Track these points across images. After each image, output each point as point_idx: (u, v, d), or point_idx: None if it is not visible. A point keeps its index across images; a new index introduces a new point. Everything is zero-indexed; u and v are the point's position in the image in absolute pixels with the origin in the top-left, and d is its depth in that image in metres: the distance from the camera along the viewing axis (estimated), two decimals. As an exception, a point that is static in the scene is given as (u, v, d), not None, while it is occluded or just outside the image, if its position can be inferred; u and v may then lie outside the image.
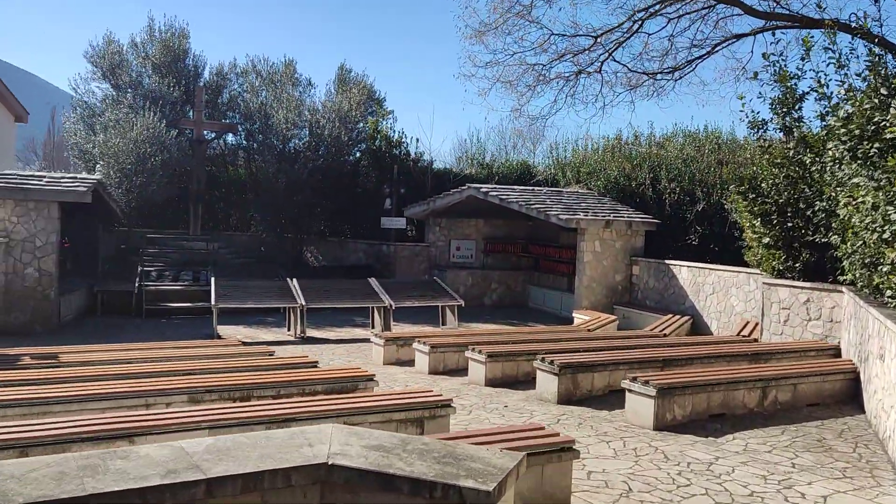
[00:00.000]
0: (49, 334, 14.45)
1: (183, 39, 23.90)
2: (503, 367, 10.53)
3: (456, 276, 21.32)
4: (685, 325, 15.83)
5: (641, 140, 21.25)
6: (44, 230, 14.54)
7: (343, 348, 14.16)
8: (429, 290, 17.06)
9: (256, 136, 23.98)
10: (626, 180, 20.47)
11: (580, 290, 18.40)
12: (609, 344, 11.85)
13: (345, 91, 24.41)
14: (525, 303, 21.95)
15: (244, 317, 17.38)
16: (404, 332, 15.38)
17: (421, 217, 21.80)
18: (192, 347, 10.26)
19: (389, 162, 22.48)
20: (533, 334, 13.32)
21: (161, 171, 19.86)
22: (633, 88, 14.43)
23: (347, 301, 15.96)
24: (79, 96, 22.92)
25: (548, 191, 20.44)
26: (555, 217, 18.07)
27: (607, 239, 18.51)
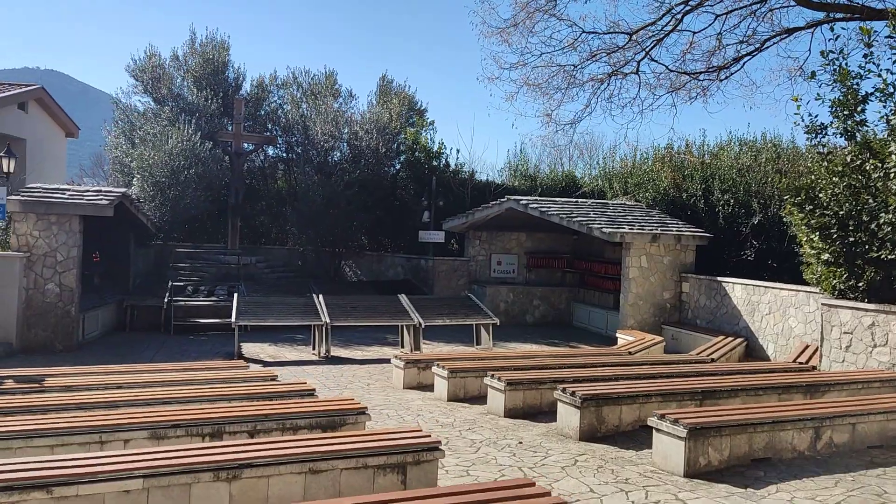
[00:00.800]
0: (69, 352, 14.13)
1: (223, 52, 23.77)
2: (524, 396, 9.60)
3: (496, 292, 20.42)
4: (738, 349, 14.56)
5: (693, 149, 20.00)
6: (65, 244, 14.25)
7: (366, 370, 13.41)
8: (462, 307, 16.21)
9: (295, 149, 23.64)
10: (676, 192, 19.26)
11: (625, 309, 17.27)
12: (647, 371, 10.78)
13: (385, 102, 23.88)
14: (569, 321, 20.88)
15: (275, 333, 16.85)
16: (432, 353, 14.57)
17: (460, 230, 20.99)
18: (191, 370, 9.65)
19: (428, 173, 21.76)
20: (566, 357, 12.32)
21: (195, 183, 19.57)
22: (674, 90, 13.33)
23: (375, 319, 15.23)
24: (120, 110, 22.95)
25: (592, 203, 19.38)
26: (598, 230, 17.03)
27: (654, 254, 17.36)
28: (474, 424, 9.01)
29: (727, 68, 12.41)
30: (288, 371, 13.02)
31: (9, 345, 13.64)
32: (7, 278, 13.68)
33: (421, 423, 9.13)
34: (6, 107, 25.26)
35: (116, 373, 9.39)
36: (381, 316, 15.25)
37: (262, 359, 14.30)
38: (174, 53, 23.70)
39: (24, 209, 13.97)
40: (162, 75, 22.59)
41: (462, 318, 15.86)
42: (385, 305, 15.59)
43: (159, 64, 22.91)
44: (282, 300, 15.46)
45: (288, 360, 14.17)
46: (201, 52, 23.51)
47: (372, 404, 10.30)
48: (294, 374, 12.82)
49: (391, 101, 23.63)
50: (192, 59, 23.50)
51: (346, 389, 11.57)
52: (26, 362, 13.05)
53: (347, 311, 15.15)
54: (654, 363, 12.04)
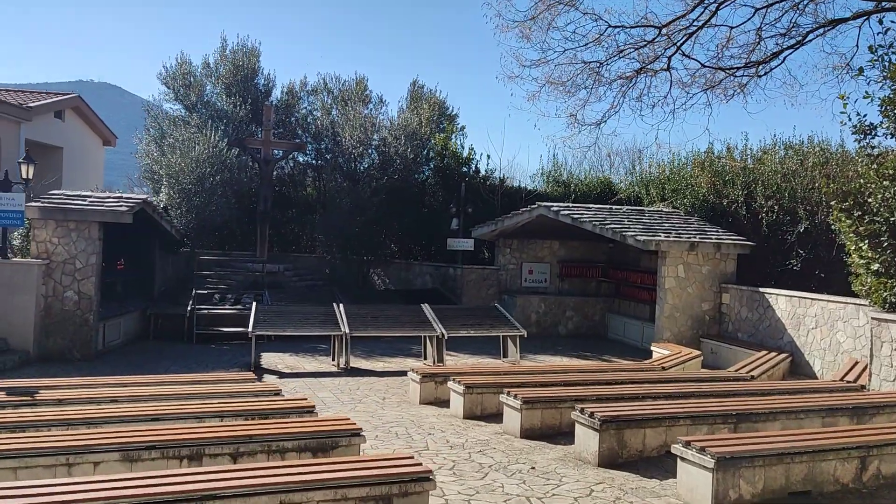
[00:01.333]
0: (86, 361, 13.90)
1: (254, 58, 23.60)
2: (542, 416, 8.95)
3: (527, 303, 19.75)
4: (781, 365, 13.67)
5: (735, 153, 19.09)
6: (84, 251, 14.05)
7: (384, 383, 12.89)
8: (488, 318, 15.59)
9: (325, 156, 23.33)
10: (716, 198, 18.38)
11: (661, 321, 16.47)
12: (678, 389, 10.04)
13: (416, 108, 23.44)
14: (603, 333, 20.08)
15: (298, 343, 16.41)
16: (451, 366, 14.01)
17: (489, 238, 20.38)
18: (194, 384, 9.23)
19: (457, 180, 21.21)
20: (592, 373, 11.62)
21: (220, 190, 19.33)
22: (709, 88, 12.51)
23: (396, 329, 14.70)
24: (152, 117, 22.91)
25: (627, 210, 18.61)
26: (632, 238, 16.28)
27: (692, 263, 16.53)
28: (487, 446, 8.40)
29: (766, 63, 11.56)
30: (303, 383, 12.59)
31: (26, 353, 13.46)
32: (25, 285, 13.51)
33: (430, 443, 8.56)
34: (42, 115, 25.52)
35: (116, 385, 9.02)
36: (402, 326, 14.72)
37: (279, 370, 13.88)
38: (205, 60, 23.60)
39: (43, 216, 13.82)
40: (192, 82, 22.48)
41: (487, 329, 15.24)
42: (407, 315, 15.06)
43: (189, 71, 22.82)
44: (300, 309, 15.04)
45: (305, 372, 13.73)
46: (232, 58, 23.35)
47: (382, 421, 9.78)
48: (309, 386, 12.37)
49: (421, 107, 23.17)
50: (222, 66, 23.36)
51: (360, 404, 11.07)
52: (41, 371, 12.85)
53: (368, 321, 14.66)
54: (687, 380, 11.28)
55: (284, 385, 12.34)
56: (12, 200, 13.57)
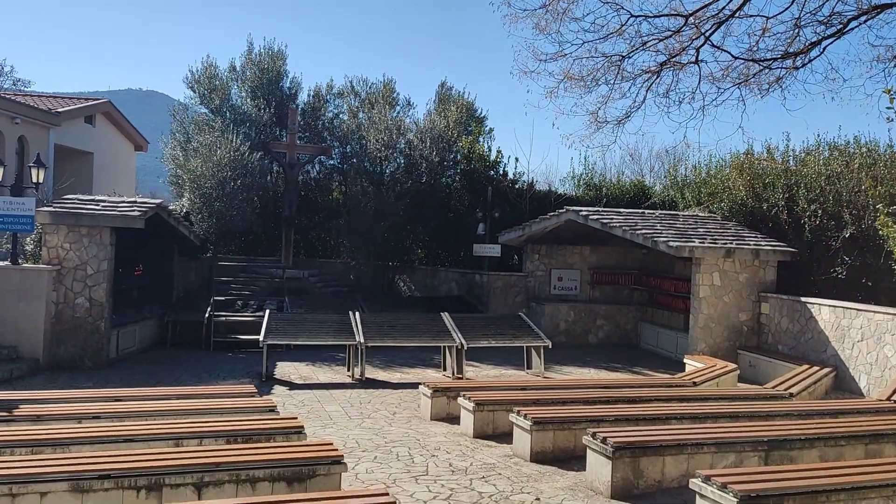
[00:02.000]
0: (97, 369, 13.60)
1: (280, 61, 23.31)
2: (555, 438, 8.26)
3: (555, 311, 19.00)
4: (824, 381, 12.73)
5: (776, 154, 18.09)
6: (95, 257, 13.76)
7: (398, 396, 12.30)
8: (511, 327, 14.90)
9: (350, 160, 22.90)
10: (755, 202, 17.42)
11: (695, 331, 15.61)
12: (707, 409, 9.25)
13: (444, 110, 22.87)
14: (636, 343, 19.22)
15: (316, 352, 15.92)
16: (465, 380, 13.40)
17: (516, 244, 19.69)
18: (188, 398, 8.76)
19: (484, 183, 20.56)
20: (615, 389, 10.87)
21: (241, 195, 18.99)
22: (742, 82, 11.63)
23: (413, 339, 14.11)
24: (178, 121, 22.75)
25: (660, 214, 17.76)
26: (664, 244, 15.46)
27: (729, 270, 15.64)
28: (492, 471, 7.74)
29: (804, 53, 10.66)
30: (313, 396, 12.07)
31: (35, 361, 13.19)
32: (34, 292, 13.26)
33: (432, 466, 7.94)
34: (72, 120, 25.60)
35: (102, 400, 8.59)
36: (420, 336, 14.12)
37: (292, 380, 13.40)
38: (231, 64, 23.41)
39: (54, 221, 13.56)
40: (217, 86, 22.25)
41: (510, 339, 14.56)
42: (425, 325, 14.46)
43: (215, 74, 22.61)
44: (314, 318, 14.54)
45: (318, 383, 13.21)
46: (258, 62, 23.10)
47: (386, 439, 9.19)
48: (319, 399, 11.85)
49: (449, 109, 22.60)
50: (248, 70, 23.13)
51: (368, 419, 10.50)
52: (49, 380, 12.57)
53: (384, 330, 14.09)
54: (719, 398, 10.46)
55: (293, 397, 11.87)
56: (22, 205, 13.34)
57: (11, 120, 21.80)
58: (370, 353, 15.98)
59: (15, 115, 21.83)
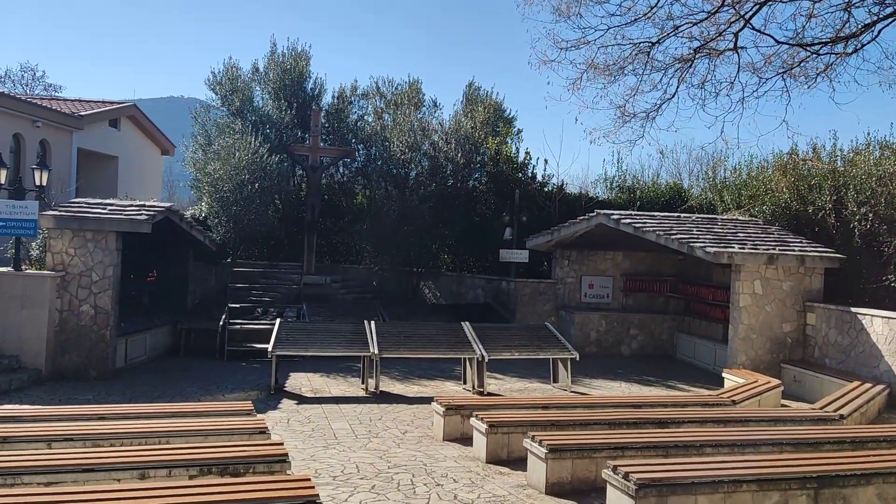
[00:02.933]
0: (102, 380, 13.06)
1: (303, 62, 22.75)
2: (573, 467, 7.39)
3: (586, 320, 18.06)
4: (877, 399, 11.64)
5: (822, 154, 16.94)
6: (101, 263, 13.23)
7: (412, 412, 11.51)
8: (536, 338, 14.03)
9: (375, 162, 22.22)
10: (800, 205, 16.30)
11: (734, 343, 14.56)
12: (749, 434, 8.30)
13: (471, 111, 22.09)
14: (671, 354, 18.18)
15: (332, 362, 15.22)
16: (484, 397, 12.59)
17: (545, 249, 18.78)
18: (173, 416, 8.09)
19: (511, 186, 19.70)
20: (646, 408, 9.94)
21: (259, 199, 18.42)
22: (786, 71, 10.59)
23: (431, 350, 13.31)
24: (199, 124, 22.32)
25: (697, 218, 16.73)
26: (700, 249, 14.46)
27: (771, 278, 14.57)
28: (501, 505, 6.91)
29: (856, 37, 9.62)
30: (322, 411, 11.35)
31: (37, 371, 12.69)
32: (36, 299, 12.77)
33: (434, 498, 7.13)
34: (96, 124, 25.37)
35: (85, 418, 7.96)
36: (438, 347, 13.32)
37: (302, 393, 12.70)
38: (254, 65, 22.93)
39: (59, 225, 13.07)
40: (238, 87, 21.76)
41: (535, 350, 13.68)
42: (444, 335, 13.65)
43: (237, 76, 22.14)
44: (327, 327, 13.83)
45: (329, 397, 12.49)
46: (281, 62, 22.58)
47: (391, 464, 8.41)
48: (328, 414, 11.13)
49: (476, 109, 21.80)
50: (271, 71, 22.62)
51: (376, 438, 9.73)
52: (50, 391, 12.06)
53: (400, 340, 13.32)
54: (760, 420, 9.48)
55: (300, 413, 11.16)
56: (25, 209, 12.88)
57: (32, 123, 21.56)
58: (388, 364, 15.26)
59: (36, 118, 21.59)
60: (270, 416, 10.81)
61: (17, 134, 21.10)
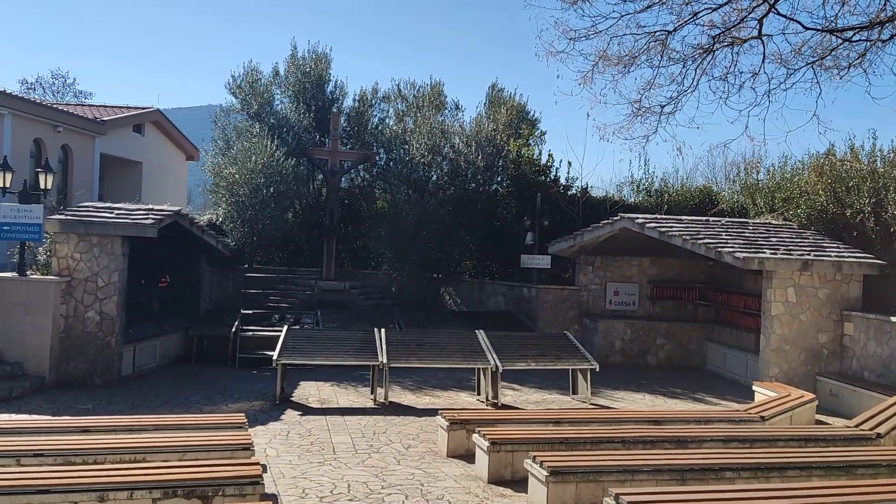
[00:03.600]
0: (107, 388, 12.75)
1: (324, 65, 22.42)
2: (577, 492, 6.78)
3: (610, 328, 17.35)
4: (920, 416, 10.77)
5: (861, 154, 16.05)
6: (106, 268, 12.94)
7: (419, 425, 10.96)
8: (554, 347, 13.40)
9: (396, 166, 21.77)
10: (837, 208, 15.44)
11: (766, 354, 13.79)
12: (776, 456, 7.61)
13: (494, 113, 21.54)
14: (700, 364, 17.37)
15: (347, 370, 14.72)
16: (494, 410, 12.01)
17: (567, 254, 18.13)
18: (158, 429, 7.68)
19: (533, 189, 19.08)
20: (666, 424, 9.28)
21: (274, 203, 18.06)
22: (816, 61, 9.82)
23: (442, 360, 12.76)
24: (219, 128, 22.11)
25: (727, 222, 15.95)
26: (729, 255, 13.72)
27: (806, 285, 13.77)
28: (497, 533, 6.34)
29: (892, 22, 8.85)
30: (325, 423, 10.87)
31: (40, 378, 12.42)
32: (40, 305, 12.50)
33: (426, 523, 6.58)
34: (119, 129, 25.34)
35: (66, 431, 7.58)
36: (451, 357, 12.76)
37: (308, 403, 12.24)
38: (274, 68, 22.65)
39: (64, 229, 12.80)
40: (258, 91, 21.50)
41: (552, 361, 13.06)
42: (457, 343, 13.10)
43: (257, 79, 21.88)
44: (335, 334, 13.36)
45: (335, 407, 12.01)
46: (301, 65, 22.28)
47: (385, 483, 7.88)
48: (332, 426, 10.65)
49: (499, 111, 21.24)
50: (291, 74, 22.33)
51: (376, 454, 9.22)
52: (51, 399, 11.76)
53: (411, 349, 12.80)
54: (790, 439, 8.76)
55: (302, 425, 10.69)
56: (30, 213, 12.64)
57: (53, 129, 21.54)
58: (401, 374, 14.77)
59: (57, 123, 21.56)
60: (270, 429, 10.38)
61: (37, 139, 21.07)
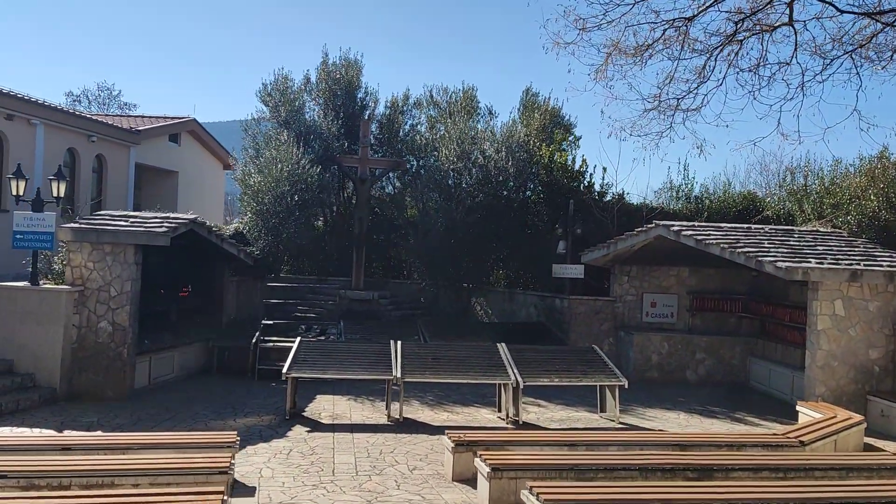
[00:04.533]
0: (118, 401, 12.44)
1: (353, 72, 22.12)
2: (580, 529, 6.08)
3: (646, 342, 16.48)
4: (983, 443, 9.75)
5: (918, 156, 14.96)
6: (119, 277, 12.68)
7: (431, 444, 10.35)
8: (580, 362, 12.65)
9: (429, 173, 21.30)
10: (891, 214, 14.37)
11: (812, 372, 12.80)
12: (813, 491, 6.79)
13: (527, 118, 20.90)
14: (743, 381, 16.35)
15: (366, 383, 14.22)
16: (507, 431, 11.33)
17: (601, 264, 17.32)
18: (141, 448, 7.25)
19: (566, 196, 18.34)
20: (694, 450, 8.50)
21: (298, 211, 17.72)
22: (854, 49, 8.91)
23: (460, 375, 12.12)
24: (250, 137, 21.96)
25: (770, 230, 14.99)
26: (770, 265, 12.80)
27: (855, 297, 12.76)
28: (484, 574, 5.68)
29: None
30: (333, 440, 10.36)
31: (51, 390, 12.18)
32: (51, 315, 12.28)
33: (409, 560, 5.97)
34: (155, 139, 25.45)
35: (46, 449, 7.21)
36: (469, 371, 12.12)
37: (320, 419, 11.75)
38: (305, 76, 22.45)
39: (77, 238, 12.59)
40: (288, 98, 21.27)
41: (578, 376, 12.31)
42: (477, 357, 12.45)
43: (287, 87, 21.67)
44: (350, 347, 12.83)
45: (346, 424, 11.48)
46: (332, 72, 22.00)
47: (378, 510, 7.29)
48: (339, 444, 10.16)
49: (532, 116, 20.58)
50: (322, 81, 22.08)
51: (378, 476, 8.66)
52: (58, 412, 11.47)
53: (428, 363, 12.20)
54: (828, 468, 7.89)
55: (307, 443, 10.18)
56: (42, 221, 12.47)
57: (87, 138, 21.67)
58: (422, 388, 14.22)
59: (90, 133, 21.69)
60: (273, 447, 9.90)
61: (71, 148, 21.22)
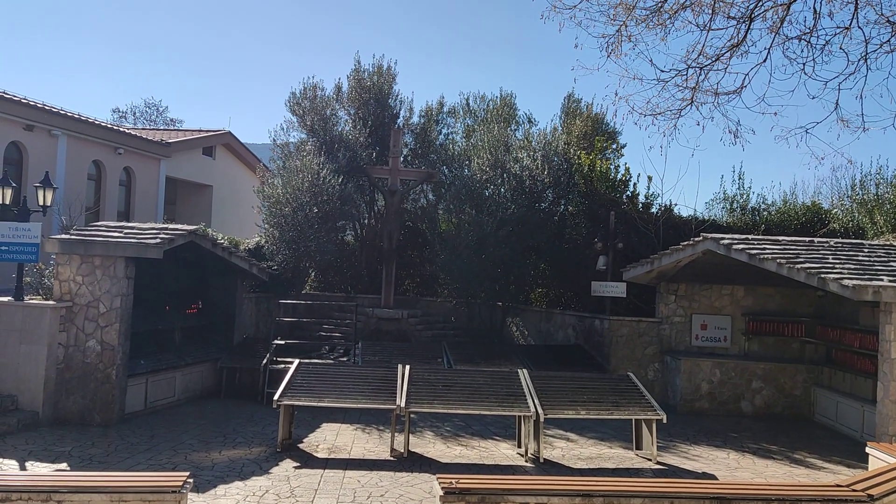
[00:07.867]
0: (107, 426, 11.50)
1: (386, 79, 21.05)
2: None
3: (695, 368, 14.78)
4: None
5: None
6: (108, 293, 11.77)
7: (430, 486, 9.00)
8: (612, 392, 11.11)
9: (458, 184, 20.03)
10: (980, 224, 12.43)
11: (884, 407, 10.97)
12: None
13: (568, 125, 19.47)
14: (807, 414, 14.50)
15: (377, 413, 12.96)
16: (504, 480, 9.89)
17: (644, 281, 15.70)
18: (73, 492, 6.13)
19: (606, 208, 16.80)
20: (732, 503, 6.93)
21: (318, 223, 16.65)
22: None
23: (473, 405, 10.71)
24: (278, 147, 21.10)
25: (836, 243, 13.19)
26: (835, 283, 11.07)
27: (937, 322, 10.88)
28: None
29: None
30: (319, 478, 9.13)
31: (33, 414, 11.29)
32: (35, 333, 11.42)
33: None
34: (187, 152, 24.91)
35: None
36: (483, 401, 10.71)
37: (315, 452, 10.53)
38: (337, 84, 21.48)
39: (64, 250, 11.74)
40: (317, 106, 20.33)
41: (609, 409, 10.77)
42: (493, 385, 11.04)
43: (317, 96, 20.75)
44: (352, 372, 11.55)
45: (342, 458, 10.23)
46: (363, 80, 21.00)
47: (334, 578, 5.98)
48: (326, 483, 8.92)
49: (573, 123, 19.13)
50: (353, 89, 21.09)
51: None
52: (34, 440, 10.53)
53: (438, 391, 10.84)
54: (908, 539, 6.23)
55: (289, 482, 8.95)
56: (28, 232, 11.65)
57: (114, 150, 21.16)
58: (440, 417, 12.92)
59: (117, 145, 21.18)
60: (248, 487, 8.71)
61: (97, 160, 20.73)
